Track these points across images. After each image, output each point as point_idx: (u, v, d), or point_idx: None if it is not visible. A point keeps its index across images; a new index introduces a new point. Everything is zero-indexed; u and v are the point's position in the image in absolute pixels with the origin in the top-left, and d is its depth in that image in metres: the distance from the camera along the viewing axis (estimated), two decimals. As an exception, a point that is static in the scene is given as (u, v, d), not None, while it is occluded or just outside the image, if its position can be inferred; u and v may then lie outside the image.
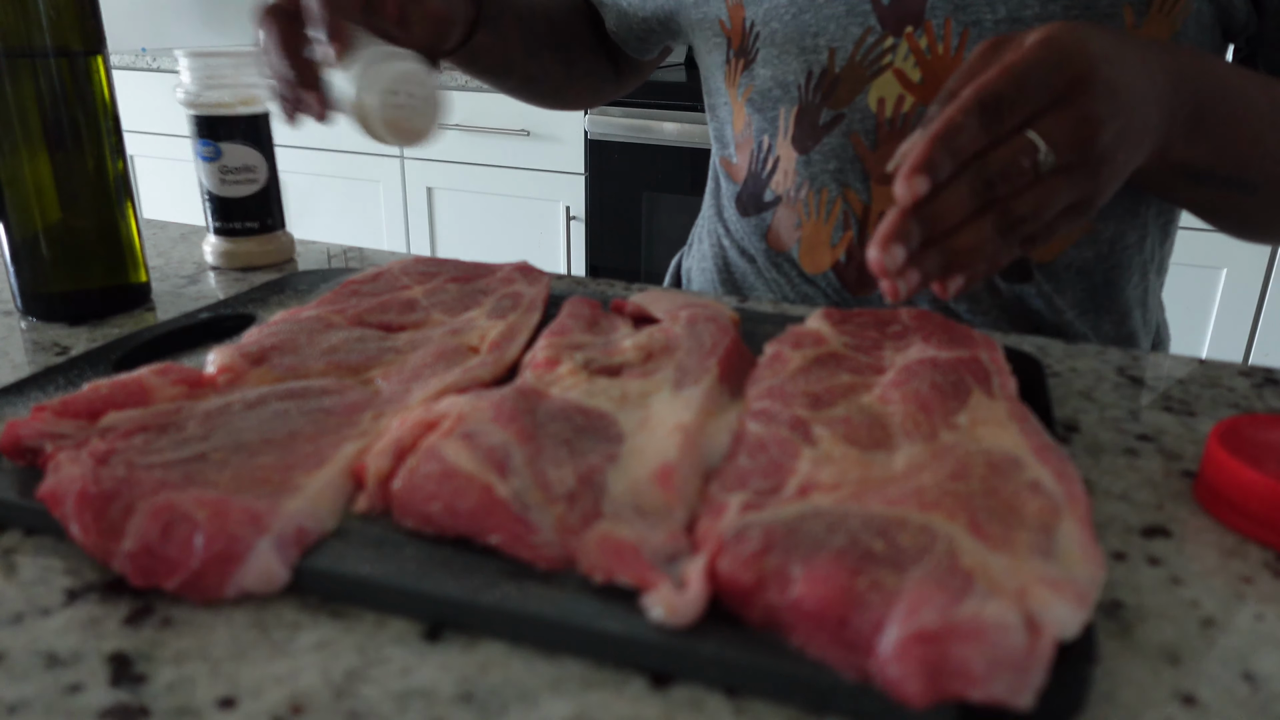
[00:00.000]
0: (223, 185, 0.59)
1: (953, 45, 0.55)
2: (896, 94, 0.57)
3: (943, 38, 0.55)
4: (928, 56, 0.56)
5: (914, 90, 0.57)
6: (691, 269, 0.76)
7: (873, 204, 0.60)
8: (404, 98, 0.49)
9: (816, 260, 0.63)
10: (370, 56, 0.49)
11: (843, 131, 0.59)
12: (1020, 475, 0.29)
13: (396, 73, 0.48)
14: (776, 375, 0.38)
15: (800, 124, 0.61)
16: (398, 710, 0.23)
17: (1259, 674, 0.25)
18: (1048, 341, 0.52)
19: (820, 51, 0.59)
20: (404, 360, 0.41)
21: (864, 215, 0.60)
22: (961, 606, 0.23)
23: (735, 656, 0.24)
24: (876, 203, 0.60)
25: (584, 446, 0.32)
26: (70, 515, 0.28)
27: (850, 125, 0.59)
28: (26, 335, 0.49)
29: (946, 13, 0.55)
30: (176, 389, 0.36)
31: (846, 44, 0.58)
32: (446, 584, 0.26)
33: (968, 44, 0.55)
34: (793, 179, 0.63)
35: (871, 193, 0.60)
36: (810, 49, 0.59)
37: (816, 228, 0.62)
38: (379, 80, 0.48)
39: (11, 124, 0.47)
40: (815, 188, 0.62)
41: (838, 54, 0.58)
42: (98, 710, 0.23)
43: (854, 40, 0.58)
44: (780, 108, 0.62)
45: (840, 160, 0.60)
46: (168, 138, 2.28)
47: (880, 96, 0.58)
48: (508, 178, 2.00)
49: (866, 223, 0.60)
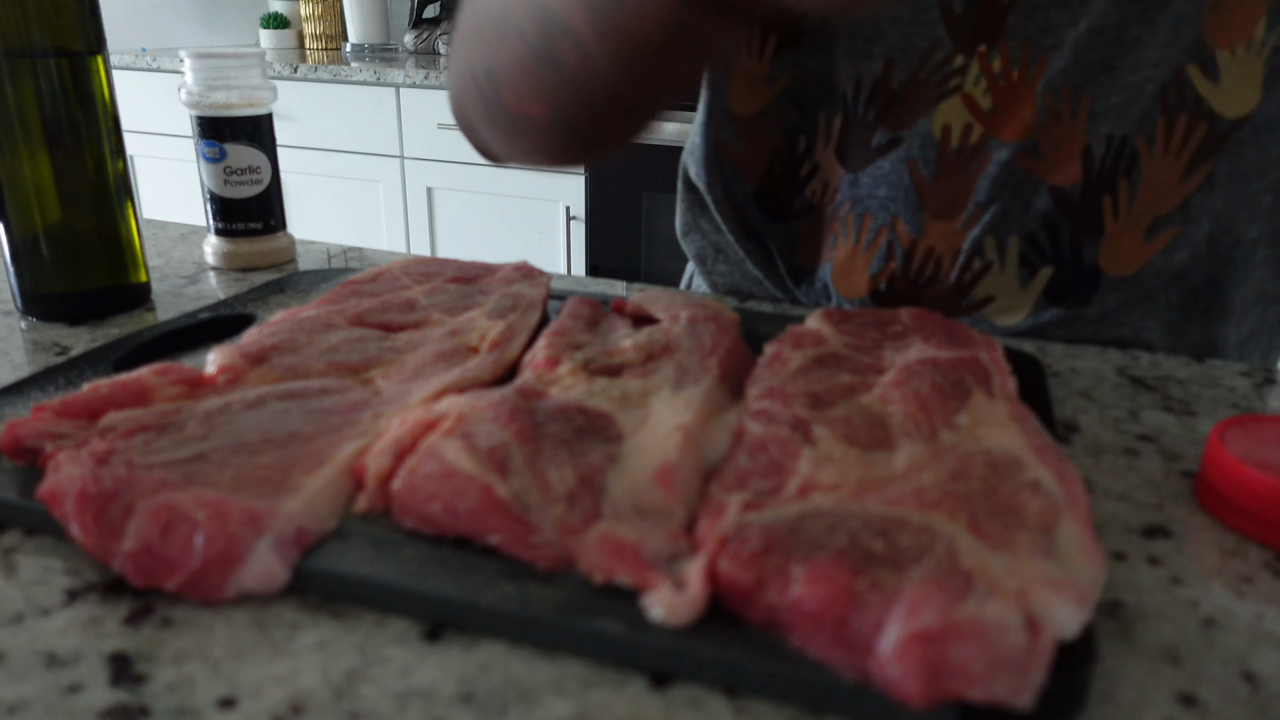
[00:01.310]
0: (226, 186, 0.59)
1: (1029, 72, 0.49)
2: (964, 122, 0.51)
3: (1019, 62, 0.50)
4: (1000, 82, 0.50)
5: (983, 119, 0.51)
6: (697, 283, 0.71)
7: (922, 238, 0.54)
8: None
9: (852, 285, 0.58)
10: None
11: (900, 157, 0.53)
12: (1020, 475, 0.29)
13: None
14: (776, 375, 0.38)
15: (849, 139, 0.55)
16: (398, 710, 0.23)
17: (1259, 674, 0.25)
18: (1048, 341, 0.52)
19: (874, 59, 0.52)
20: (404, 360, 0.41)
21: (910, 248, 0.55)
22: (961, 607, 0.23)
23: (735, 656, 0.24)
24: (927, 237, 0.54)
25: (584, 446, 0.32)
26: (70, 515, 0.28)
27: (909, 151, 0.53)
28: (26, 335, 0.49)
29: (1027, 34, 0.49)
30: (176, 389, 0.36)
31: (910, 57, 0.51)
32: (446, 584, 0.27)
33: (1044, 74, 0.49)
34: (833, 194, 0.57)
35: (923, 226, 0.54)
36: (862, 53, 0.53)
37: (854, 253, 0.57)
38: None
39: (11, 124, 0.47)
40: (858, 211, 0.56)
41: (896, 68, 0.52)
42: (98, 710, 0.23)
43: (919, 54, 0.51)
44: (821, 112, 0.56)
45: (893, 188, 0.54)
46: (168, 138, 2.28)
47: (946, 123, 0.52)
48: (508, 178, 2.00)
49: (912, 256, 0.55)
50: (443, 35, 2.38)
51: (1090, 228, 0.52)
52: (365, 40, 2.44)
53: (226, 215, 0.60)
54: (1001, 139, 0.51)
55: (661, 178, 1.86)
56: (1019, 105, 0.50)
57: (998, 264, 0.54)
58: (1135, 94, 0.49)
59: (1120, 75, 0.49)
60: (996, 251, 0.54)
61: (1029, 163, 0.51)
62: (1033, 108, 0.50)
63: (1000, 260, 0.54)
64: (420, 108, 2.01)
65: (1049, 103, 0.50)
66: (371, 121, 2.07)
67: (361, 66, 2.03)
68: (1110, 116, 0.50)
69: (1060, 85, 0.49)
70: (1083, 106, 0.50)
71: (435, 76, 1.94)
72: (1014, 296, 0.55)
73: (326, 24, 2.53)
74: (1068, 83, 0.49)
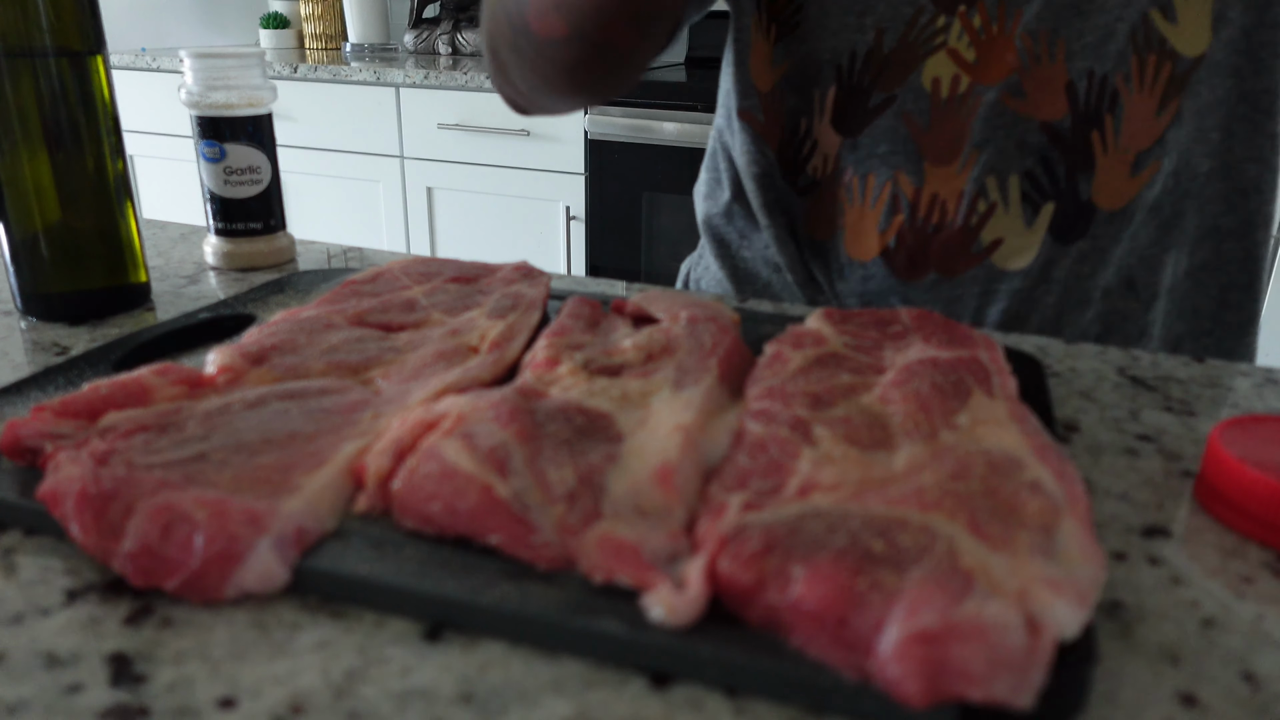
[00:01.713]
0: (226, 186, 0.59)
1: (1007, 25, 0.54)
2: (952, 73, 0.56)
3: (996, 18, 0.55)
4: (981, 36, 0.55)
5: (968, 69, 0.56)
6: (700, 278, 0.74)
7: (925, 186, 0.58)
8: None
9: (864, 247, 0.61)
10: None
11: (894, 113, 0.58)
12: (1020, 475, 0.29)
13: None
14: (776, 375, 0.38)
15: (844, 107, 0.59)
16: (398, 710, 0.23)
17: (1259, 674, 0.25)
18: (1048, 341, 0.52)
19: (866, 31, 0.57)
20: (404, 360, 0.41)
21: (915, 198, 0.59)
22: (962, 607, 0.23)
23: (735, 656, 0.24)
24: (929, 184, 0.58)
25: (584, 446, 0.32)
26: (70, 515, 0.28)
27: (903, 105, 0.58)
28: (26, 335, 0.49)
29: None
30: (176, 389, 0.36)
31: (898, 24, 0.56)
32: (446, 584, 0.26)
33: (1021, 23, 0.54)
34: (834, 164, 0.61)
35: (924, 174, 0.58)
36: (855, 28, 0.58)
37: (862, 213, 0.61)
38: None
39: (11, 124, 0.47)
40: (861, 172, 0.60)
41: (886, 35, 0.57)
42: (98, 710, 0.23)
43: (905, 20, 0.56)
44: (815, 90, 0.60)
45: (892, 142, 0.58)
46: (168, 138, 2.28)
47: (935, 76, 0.56)
48: (508, 178, 2.00)
49: (917, 205, 0.59)
50: (442, 35, 2.38)
51: (1083, 163, 0.56)
52: (365, 40, 2.44)
53: (226, 215, 0.60)
54: (987, 84, 0.56)
55: (661, 178, 1.86)
56: (1001, 52, 0.55)
57: (1001, 204, 0.57)
58: (1107, 34, 0.54)
59: (1090, 17, 0.54)
60: (999, 192, 0.57)
61: (1017, 103, 0.56)
62: (1014, 51, 0.55)
63: (1004, 200, 0.57)
64: (420, 108, 2.01)
65: (1028, 45, 0.55)
66: (371, 121, 2.07)
67: (361, 66, 2.03)
68: (1087, 54, 0.54)
69: (1036, 29, 0.54)
70: (1059, 47, 0.54)
71: (435, 76, 1.94)
72: (1020, 237, 0.58)
73: (326, 24, 2.53)
74: (1042, 26, 0.54)
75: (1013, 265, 0.58)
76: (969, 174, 0.57)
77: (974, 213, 0.58)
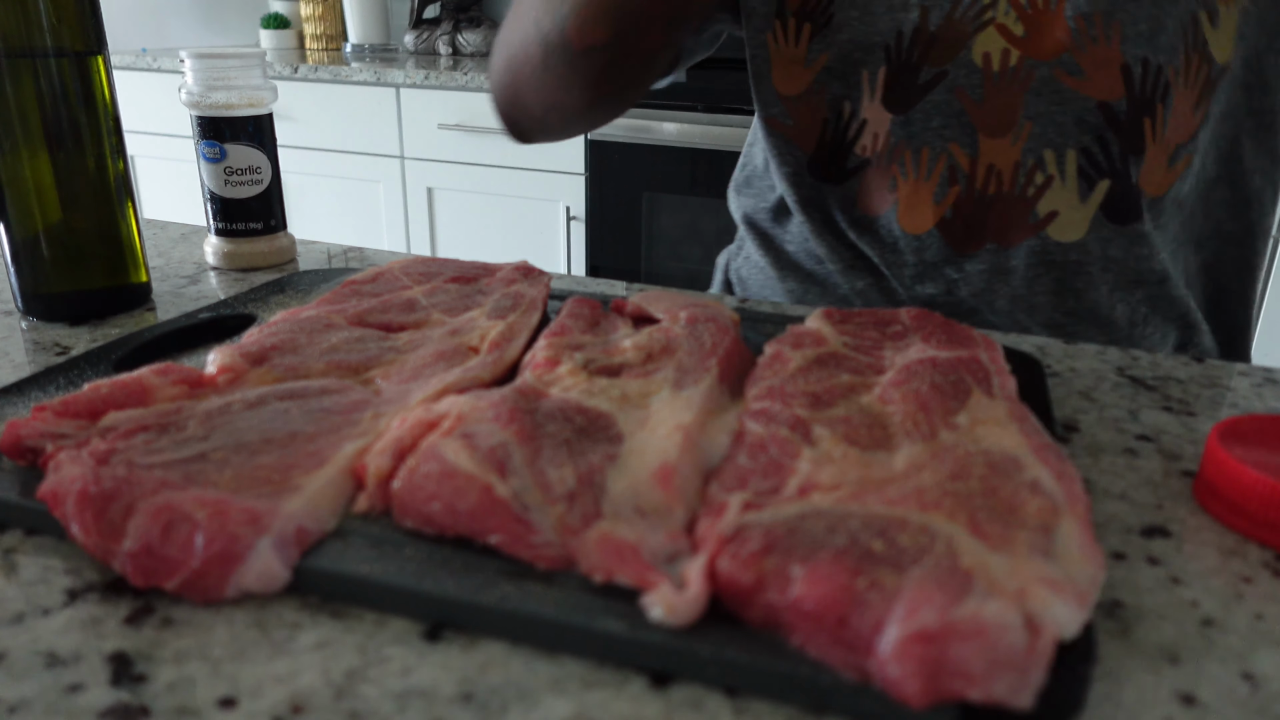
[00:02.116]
0: (226, 186, 0.59)
1: (1052, 2, 0.55)
2: (1001, 47, 0.57)
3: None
4: (1028, 10, 0.56)
5: (1018, 44, 0.56)
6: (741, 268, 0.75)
7: (980, 157, 0.59)
8: None
9: (918, 220, 0.62)
10: None
11: (946, 88, 0.59)
12: (1020, 475, 0.29)
13: None
14: (776, 375, 0.38)
15: (894, 85, 0.60)
16: (398, 710, 0.23)
17: (1259, 674, 0.25)
18: (1048, 341, 0.52)
19: (910, 9, 0.58)
20: (404, 360, 0.41)
21: (971, 168, 0.60)
22: (961, 606, 0.23)
23: (735, 656, 0.24)
24: (984, 155, 0.59)
25: (584, 446, 0.32)
26: (70, 515, 0.28)
27: (955, 80, 0.58)
28: (27, 335, 0.49)
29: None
30: (177, 389, 0.36)
31: (943, 2, 0.57)
32: (446, 584, 0.27)
33: (1069, 2, 0.55)
34: (885, 141, 0.62)
35: (979, 146, 0.59)
36: (899, 7, 0.58)
37: (916, 187, 0.61)
38: None
39: (12, 124, 0.47)
40: (914, 147, 0.61)
41: (931, 13, 0.58)
42: (98, 710, 0.23)
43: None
44: (863, 70, 0.61)
45: (944, 116, 0.59)
46: (168, 138, 2.28)
47: (985, 51, 0.57)
48: (508, 178, 2.00)
49: (974, 176, 0.60)
50: (443, 36, 2.38)
51: (1135, 146, 0.57)
52: (365, 40, 2.44)
53: (227, 215, 0.60)
54: (1040, 58, 0.57)
55: (662, 178, 1.86)
56: (1050, 28, 0.56)
57: (1059, 178, 0.58)
58: (1159, 25, 0.55)
59: (1143, 5, 0.55)
60: (1057, 166, 0.58)
61: (1073, 81, 0.56)
62: (1065, 29, 0.56)
63: (1060, 174, 0.58)
64: (420, 108, 2.01)
65: (1082, 26, 0.55)
66: (371, 121, 2.07)
67: (361, 66, 2.03)
68: (1140, 41, 0.55)
69: (1090, 12, 0.55)
70: (1115, 30, 0.55)
71: (435, 76, 1.94)
72: (1075, 210, 0.59)
73: (326, 24, 2.53)
74: (1096, 9, 0.55)
75: (1066, 238, 0.59)
76: (1023, 145, 0.58)
77: (1030, 184, 0.59)
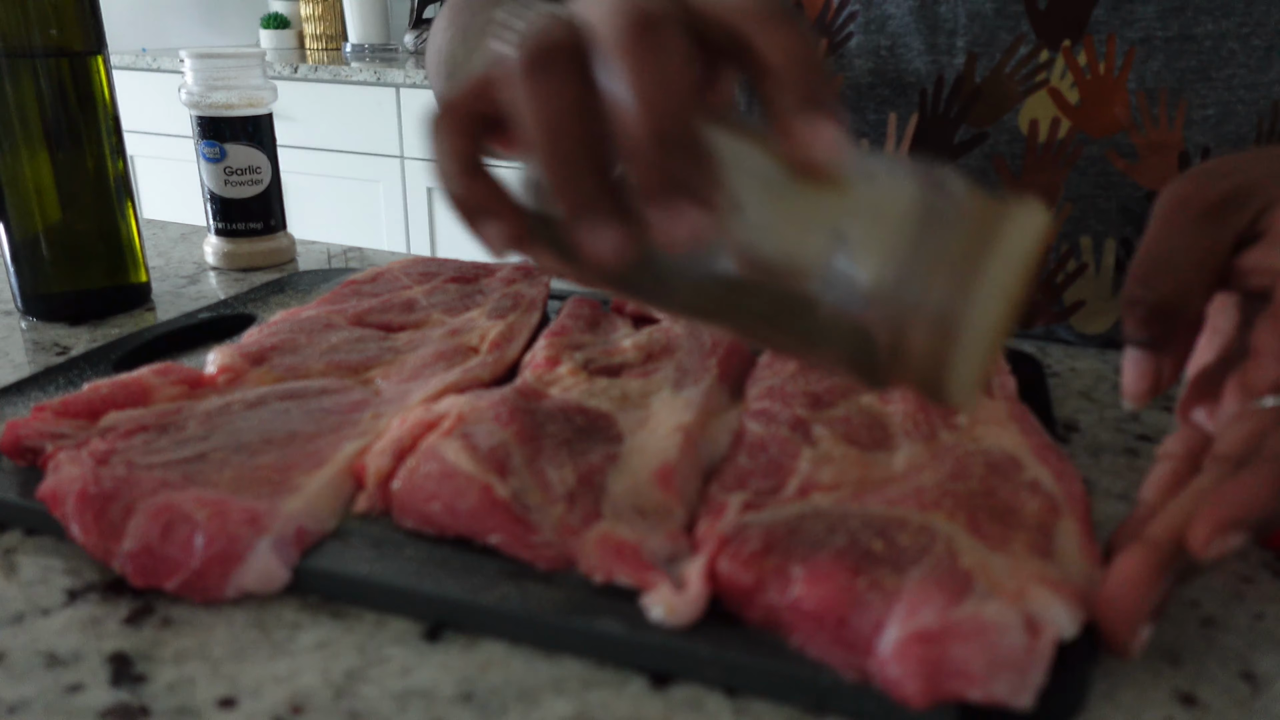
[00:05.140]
0: (226, 186, 0.59)
1: (1116, 65, 0.49)
2: (1051, 116, 0.51)
3: (1104, 56, 0.49)
4: (1087, 76, 0.50)
5: (1070, 113, 0.51)
6: None
7: None
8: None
9: None
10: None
11: (984, 153, 0.53)
12: (1020, 475, 0.29)
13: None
14: (776, 375, 0.38)
15: (925, 138, 0.54)
16: (398, 710, 0.23)
17: (1259, 674, 0.25)
18: (1048, 342, 0.52)
19: (956, 54, 0.52)
20: (404, 360, 0.41)
21: None
22: (961, 606, 0.23)
23: (735, 656, 0.24)
24: None
25: (584, 446, 0.32)
26: (70, 515, 0.28)
27: (994, 147, 0.52)
28: (27, 335, 0.49)
29: (1112, 28, 0.49)
30: (176, 389, 0.36)
31: (993, 51, 0.51)
32: (446, 584, 0.27)
33: (1134, 64, 0.49)
34: None
35: None
36: (943, 49, 0.52)
37: None
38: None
39: (12, 124, 0.47)
40: None
41: (979, 61, 0.51)
42: (98, 710, 0.23)
43: (1003, 48, 0.51)
44: (889, 111, 0.55)
45: (978, 185, 0.55)
46: (168, 138, 2.28)
47: (1033, 118, 0.51)
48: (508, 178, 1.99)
49: None
50: (443, 35, 2.38)
51: None
52: (365, 40, 2.44)
53: (226, 215, 0.60)
54: (1091, 134, 0.51)
55: (661, 178, 1.85)
56: (1109, 99, 0.50)
57: (1093, 267, 0.54)
58: (1229, 111, 0.50)
59: (1215, 87, 0.49)
60: (1093, 254, 0.54)
61: (1125, 164, 0.51)
62: (1124, 104, 0.50)
63: (1096, 264, 0.54)
64: (420, 108, 2.01)
65: (1143, 103, 0.50)
66: (371, 122, 2.07)
67: (361, 66, 2.02)
68: (1206, 128, 0.50)
69: (1155, 88, 0.49)
70: (1179, 111, 0.50)
71: (435, 76, 1.94)
72: (1105, 302, 0.55)
73: (326, 24, 2.53)
74: (1163, 85, 0.49)
75: (1091, 330, 0.55)
76: (1059, 229, 0.53)
77: (1061, 270, 0.54)
